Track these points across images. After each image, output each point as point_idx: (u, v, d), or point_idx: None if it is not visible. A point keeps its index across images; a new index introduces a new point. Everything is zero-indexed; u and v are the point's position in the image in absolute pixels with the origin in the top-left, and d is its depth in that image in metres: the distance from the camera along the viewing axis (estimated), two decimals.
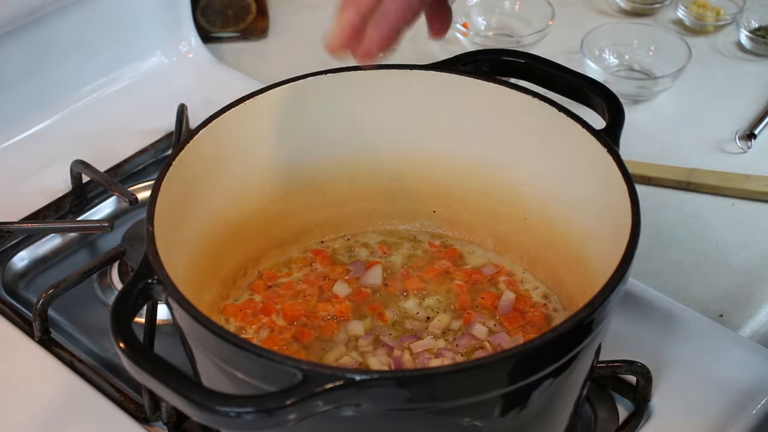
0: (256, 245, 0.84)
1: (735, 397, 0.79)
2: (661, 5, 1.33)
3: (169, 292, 0.62)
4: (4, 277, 0.94)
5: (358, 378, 0.56)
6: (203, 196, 0.77)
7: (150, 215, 0.67)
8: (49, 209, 1.00)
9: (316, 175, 0.84)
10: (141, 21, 1.15)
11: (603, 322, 0.64)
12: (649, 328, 0.84)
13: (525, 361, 0.60)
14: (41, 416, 0.79)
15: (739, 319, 0.91)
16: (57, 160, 1.04)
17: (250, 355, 0.58)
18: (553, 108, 0.76)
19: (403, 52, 1.26)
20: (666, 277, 0.94)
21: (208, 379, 0.66)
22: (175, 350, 0.70)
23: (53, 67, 1.09)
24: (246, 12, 1.29)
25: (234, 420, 0.55)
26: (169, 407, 0.78)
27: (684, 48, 1.18)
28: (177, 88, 1.14)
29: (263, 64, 1.25)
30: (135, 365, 0.58)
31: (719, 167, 1.08)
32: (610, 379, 0.81)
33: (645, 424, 0.78)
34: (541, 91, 0.78)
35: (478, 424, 0.63)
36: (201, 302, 0.74)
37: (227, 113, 0.77)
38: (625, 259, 0.64)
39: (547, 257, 0.82)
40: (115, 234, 0.95)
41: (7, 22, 0.99)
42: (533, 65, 0.81)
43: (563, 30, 1.27)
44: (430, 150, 0.84)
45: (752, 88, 1.20)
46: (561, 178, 0.78)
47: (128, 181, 1.05)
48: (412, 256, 0.86)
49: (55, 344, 0.85)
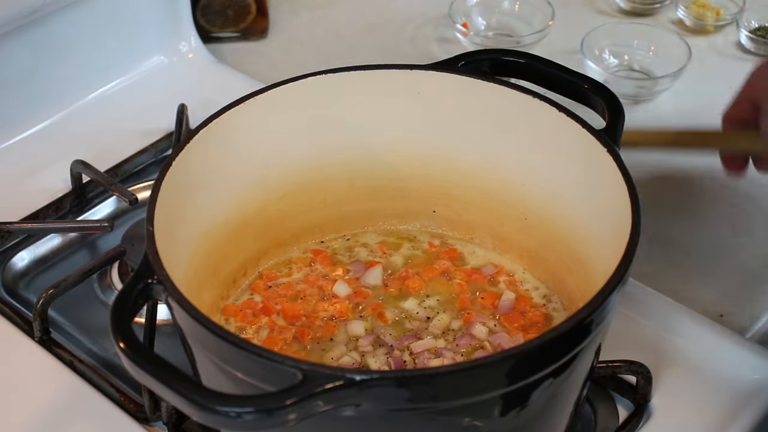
0: (256, 245, 0.84)
1: (735, 397, 0.79)
2: (661, 5, 1.33)
3: (169, 292, 0.62)
4: (4, 277, 0.94)
5: (358, 378, 0.56)
6: (203, 196, 0.77)
7: (150, 215, 0.67)
8: (49, 209, 1.00)
9: (316, 175, 0.84)
10: (141, 21, 1.15)
11: (603, 322, 0.64)
12: (649, 328, 0.85)
13: (525, 361, 0.60)
14: (41, 416, 0.79)
15: (739, 319, 0.91)
16: (57, 160, 1.04)
17: (250, 355, 0.58)
18: (553, 108, 0.76)
19: (403, 52, 1.26)
20: (666, 277, 0.94)
21: (208, 379, 0.66)
22: (175, 350, 0.70)
23: (53, 67, 1.09)
24: (246, 12, 1.29)
25: (234, 420, 0.55)
26: (169, 407, 0.78)
27: (684, 48, 1.18)
28: (177, 88, 1.14)
29: (263, 64, 1.25)
30: (135, 365, 0.58)
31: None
32: (610, 379, 0.81)
33: (645, 424, 0.78)
34: (541, 91, 0.78)
35: (478, 424, 0.63)
36: (201, 302, 0.74)
37: (227, 113, 0.77)
38: (625, 259, 0.64)
39: (547, 257, 0.82)
40: (115, 234, 0.95)
41: (7, 22, 0.99)
42: (533, 65, 0.81)
43: (563, 30, 1.27)
44: (430, 150, 0.84)
45: None
46: (561, 178, 0.78)
47: (128, 181, 1.05)
48: (412, 256, 0.86)
49: (55, 344, 0.85)
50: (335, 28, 1.32)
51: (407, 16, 1.33)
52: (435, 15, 1.32)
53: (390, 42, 1.29)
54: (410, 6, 1.35)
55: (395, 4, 1.36)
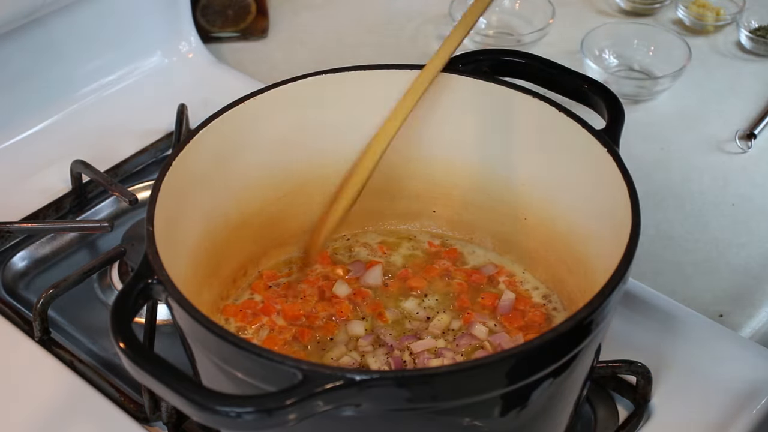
0: (256, 245, 0.84)
1: (735, 397, 0.79)
2: (661, 5, 1.33)
3: (170, 293, 0.62)
4: (4, 277, 0.94)
5: (358, 378, 0.56)
6: (203, 197, 0.77)
7: (150, 215, 0.67)
8: (49, 209, 1.00)
9: (316, 175, 0.84)
10: (141, 21, 1.15)
11: (603, 322, 0.64)
12: (649, 328, 0.84)
13: (525, 361, 0.60)
14: (41, 416, 0.79)
15: (739, 319, 0.91)
16: (57, 160, 1.04)
17: (250, 355, 0.58)
18: (553, 108, 0.76)
19: (403, 52, 1.27)
20: (666, 277, 0.94)
21: (208, 379, 0.66)
22: (175, 350, 0.70)
23: (53, 67, 1.09)
24: (246, 12, 1.29)
25: (234, 420, 0.55)
26: (169, 407, 0.78)
27: (684, 48, 1.18)
28: (177, 88, 1.14)
29: (263, 64, 1.25)
30: (135, 365, 0.58)
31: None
32: (610, 379, 0.81)
33: (645, 424, 0.78)
34: (541, 91, 0.78)
35: (478, 424, 0.63)
36: (201, 302, 0.74)
37: (227, 113, 0.77)
38: (625, 259, 0.64)
39: (547, 257, 0.82)
40: (115, 234, 0.95)
41: (7, 22, 0.99)
42: (533, 65, 0.81)
43: (563, 30, 1.27)
44: (430, 150, 0.84)
45: (752, 88, 1.20)
46: (561, 178, 0.78)
47: (128, 181, 1.05)
48: (412, 256, 0.86)
49: (55, 344, 0.85)
50: (335, 28, 1.32)
51: (407, 16, 1.34)
52: (435, 15, 1.32)
53: (390, 42, 1.29)
54: (410, 6, 1.35)
55: (395, 4, 1.36)
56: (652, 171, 1.08)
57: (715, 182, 1.06)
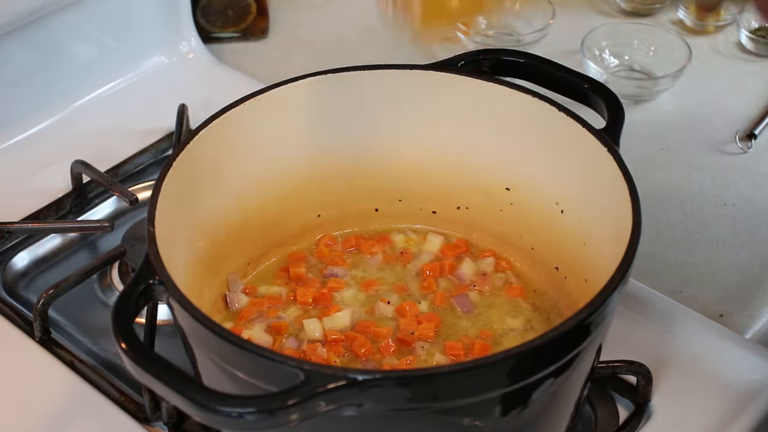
0: (256, 245, 0.84)
1: (735, 397, 0.79)
2: (661, 5, 1.33)
3: (171, 293, 0.62)
4: (5, 277, 0.94)
5: (360, 378, 0.56)
6: (203, 197, 0.77)
7: (151, 216, 0.67)
8: (49, 209, 1.00)
9: (316, 175, 0.84)
10: (141, 21, 1.15)
11: (603, 322, 0.64)
12: (649, 328, 0.85)
13: (526, 361, 0.60)
14: (41, 416, 0.79)
15: (739, 319, 0.91)
16: (57, 160, 1.04)
17: (252, 355, 0.58)
18: (553, 108, 0.76)
19: (403, 52, 1.26)
20: (666, 277, 0.94)
21: (209, 379, 0.66)
22: (175, 350, 0.70)
23: (53, 67, 1.09)
24: (246, 12, 1.29)
25: (236, 420, 0.55)
26: (169, 407, 0.78)
27: (684, 48, 1.18)
28: (177, 89, 1.14)
29: (263, 64, 1.25)
30: (136, 365, 0.58)
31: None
32: (610, 379, 0.81)
33: (645, 424, 0.78)
34: (541, 91, 0.78)
35: (478, 424, 0.63)
36: (201, 302, 0.74)
37: (227, 113, 0.77)
38: (626, 259, 0.64)
39: (547, 257, 0.82)
40: (116, 234, 0.95)
41: (7, 22, 0.99)
42: (533, 65, 0.81)
43: (563, 30, 1.27)
44: (430, 150, 0.84)
45: (752, 88, 1.20)
46: (561, 178, 0.78)
47: (128, 181, 1.05)
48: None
49: (56, 344, 0.85)
50: (335, 28, 1.32)
51: None
52: None
53: (390, 42, 1.29)
54: None
55: None
56: (652, 171, 1.08)
57: (715, 182, 1.06)
